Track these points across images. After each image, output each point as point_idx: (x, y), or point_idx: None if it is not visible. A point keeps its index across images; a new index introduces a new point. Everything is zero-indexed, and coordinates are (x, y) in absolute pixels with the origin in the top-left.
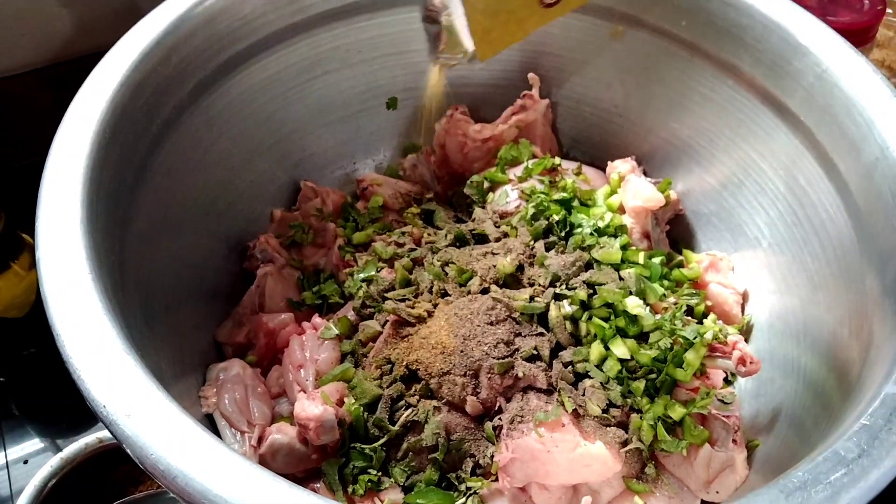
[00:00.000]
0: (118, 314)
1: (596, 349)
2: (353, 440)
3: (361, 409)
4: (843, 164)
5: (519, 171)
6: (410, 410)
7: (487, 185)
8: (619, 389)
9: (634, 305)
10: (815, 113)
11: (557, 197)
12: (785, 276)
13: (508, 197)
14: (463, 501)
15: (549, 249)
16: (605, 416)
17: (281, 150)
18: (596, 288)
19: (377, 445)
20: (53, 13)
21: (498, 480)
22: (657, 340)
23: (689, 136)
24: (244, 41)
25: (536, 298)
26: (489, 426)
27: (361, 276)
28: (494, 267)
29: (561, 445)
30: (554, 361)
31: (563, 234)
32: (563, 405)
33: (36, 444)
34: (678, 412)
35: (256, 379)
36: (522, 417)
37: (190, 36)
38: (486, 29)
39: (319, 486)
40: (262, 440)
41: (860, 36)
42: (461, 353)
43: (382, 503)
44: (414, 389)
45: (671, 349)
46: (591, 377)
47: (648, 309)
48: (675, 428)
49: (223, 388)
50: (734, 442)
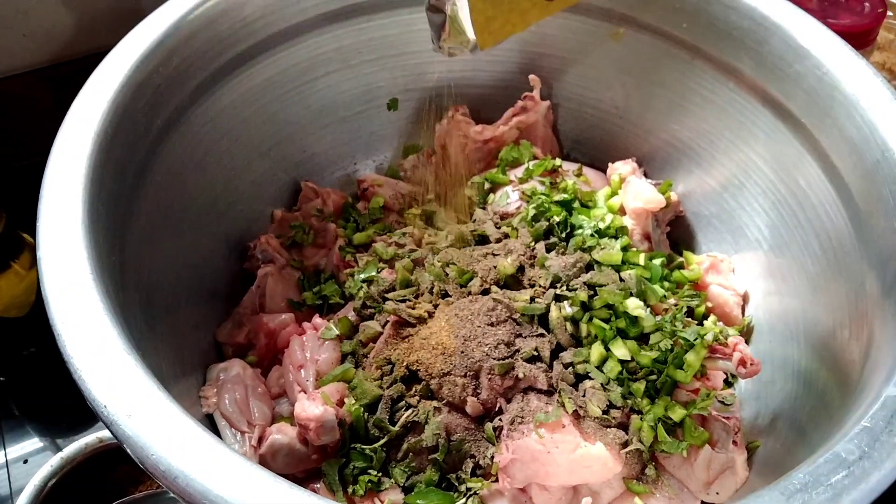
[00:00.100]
0: (119, 314)
1: (596, 350)
2: (353, 441)
3: (362, 409)
4: (843, 166)
5: (520, 172)
6: (411, 411)
7: (488, 186)
8: (619, 390)
9: (635, 307)
10: (815, 115)
11: (558, 198)
12: (785, 277)
13: (509, 198)
14: (463, 502)
15: (549, 251)
16: (605, 417)
17: (282, 150)
18: (596, 289)
19: (377, 446)
20: (55, 13)
21: (498, 481)
22: (658, 342)
23: (689, 137)
24: (245, 42)
25: (537, 299)
26: (489, 427)
27: (362, 276)
28: (495, 268)
29: (561, 446)
30: (554, 362)
31: (563, 235)
32: (563, 406)
33: (36, 443)
34: (678, 413)
35: (257, 379)
36: (523, 418)
37: (191, 37)
38: (488, 18)
39: (319, 486)
40: (262, 440)
41: (861, 39)
42: (462, 353)
43: (382, 503)
44: (414, 390)
45: (672, 350)
46: (591, 378)
47: (649, 310)
48: (675, 429)
49: (223, 388)
50: (734, 443)
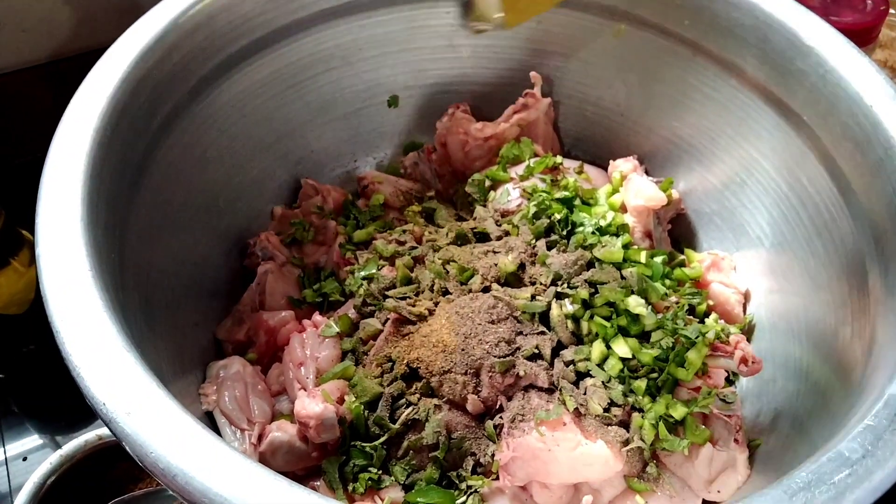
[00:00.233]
0: (118, 311)
1: (597, 348)
2: (353, 438)
3: (362, 407)
4: (846, 164)
5: (520, 169)
6: (411, 409)
7: (489, 183)
8: (620, 388)
9: (636, 304)
10: (818, 113)
11: (559, 196)
12: (787, 275)
13: (510, 195)
14: (464, 500)
15: (550, 248)
16: (606, 415)
17: (282, 147)
18: (597, 287)
19: (378, 444)
20: (54, 9)
21: (499, 479)
22: (659, 339)
23: (691, 135)
24: (245, 39)
25: (538, 297)
26: (490, 425)
27: (362, 273)
28: (496, 265)
29: (562, 444)
30: (555, 360)
31: (564, 232)
32: (564, 404)
33: (35, 440)
34: (680, 411)
35: (257, 376)
36: (523, 416)
37: (191, 33)
38: None
39: (319, 484)
40: (262, 438)
41: (863, 36)
42: (462, 351)
43: (383, 501)
44: (415, 388)
45: (673, 348)
46: (592, 376)
47: (650, 308)
48: (676, 427)
49: (223, 385)
50: (736, 441)
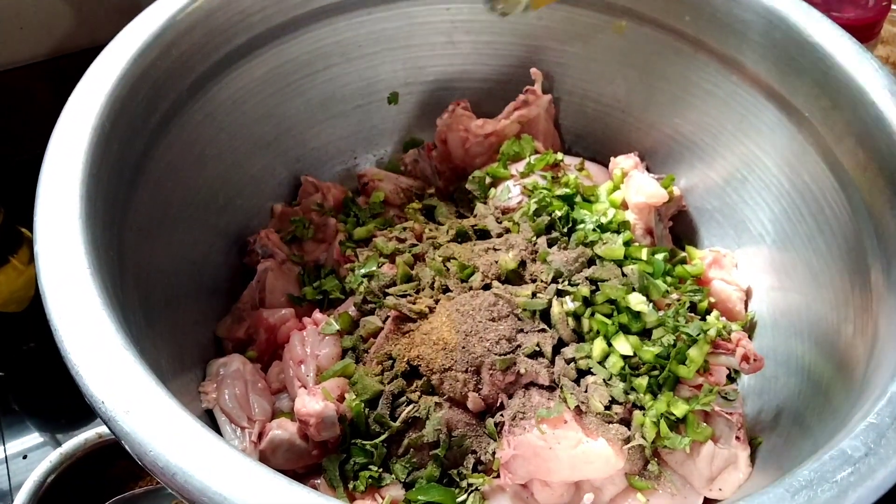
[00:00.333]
0: (117, 309)
1: (598, 346)
2: (353, 436)
3: (362, 405)
4: (847, 160)
5: (521, 166)
6: (412, 406)
7: (489, 180)
8: (621, 386)
9: (637, 302)
10: (819, 109)
11: (560, 193)
12: (789, 272)
13: (510, 192)
14: (464, 498)
15: (551, 245)
16: (607, 412)
17: (281, 144)
18: (598, 284)
19: (378, 441)
20: (53, 6)
21: (499, 477)
22: (660, 337)
23: (692, 131)
24: (244, 35)
25: (539, 295)
26: (491, 422)
27: (362, 271)
28: (496, 263)
29: (563, 442)
30: (556, 358)
31: (565, 230)
32: (565, 402)
33: (35, 438)
34: (681, 409)
35: (257, 374)
36: (524, 414)
37: (189, 30)
38: None
39: (320, 482)
40: (262, 436)
41: (865, 32)
42: (463, 349)
43: (383, 499)
44: (415, 385)
45: (674, 346)
46: (593, 374)
47: (651, 305)
48: (677, 425)
49: (223, 383)
50: (737, 439)
